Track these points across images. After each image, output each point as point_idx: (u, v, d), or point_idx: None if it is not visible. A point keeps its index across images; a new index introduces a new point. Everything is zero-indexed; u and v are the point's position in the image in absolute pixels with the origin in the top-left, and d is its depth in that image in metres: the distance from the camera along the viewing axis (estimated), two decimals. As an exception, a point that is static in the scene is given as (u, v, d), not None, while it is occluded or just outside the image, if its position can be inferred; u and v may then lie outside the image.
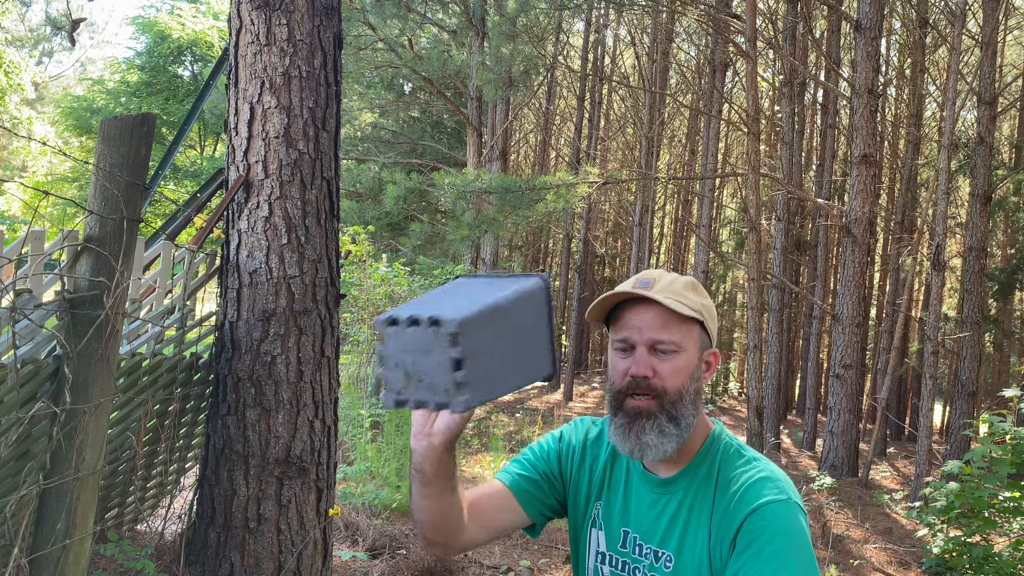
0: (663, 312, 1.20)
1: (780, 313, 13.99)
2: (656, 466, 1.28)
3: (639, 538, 1.27)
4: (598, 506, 1.34)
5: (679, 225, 24.15)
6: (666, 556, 1.24)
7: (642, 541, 1.27)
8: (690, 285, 1.25)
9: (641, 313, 1.21)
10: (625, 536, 1.29)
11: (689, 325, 1.22)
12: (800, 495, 1.24)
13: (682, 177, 18.13)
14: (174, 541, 3.32)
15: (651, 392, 1.19)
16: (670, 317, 1.20)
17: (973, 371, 10.18)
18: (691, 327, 1.22)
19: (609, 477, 1.35)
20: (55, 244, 2.21)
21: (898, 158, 16.99)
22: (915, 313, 17.61)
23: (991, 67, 10.08)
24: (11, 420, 2.11)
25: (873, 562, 6.32)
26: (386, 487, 6.07)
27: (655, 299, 1.19)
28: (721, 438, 1.29)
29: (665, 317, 1.20)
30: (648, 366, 1.19)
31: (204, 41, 24.02)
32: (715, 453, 1.27)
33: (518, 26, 12.06)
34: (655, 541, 1.25)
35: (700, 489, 1.24)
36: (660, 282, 1.22)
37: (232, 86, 3.27)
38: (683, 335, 1.21)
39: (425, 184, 12.23)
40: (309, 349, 3.21)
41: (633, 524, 1.29)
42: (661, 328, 1.20)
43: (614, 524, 1.31)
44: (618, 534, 1.30)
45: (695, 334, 1.23)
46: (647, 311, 1.21)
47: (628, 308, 1.23)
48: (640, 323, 1.20)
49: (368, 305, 8.71)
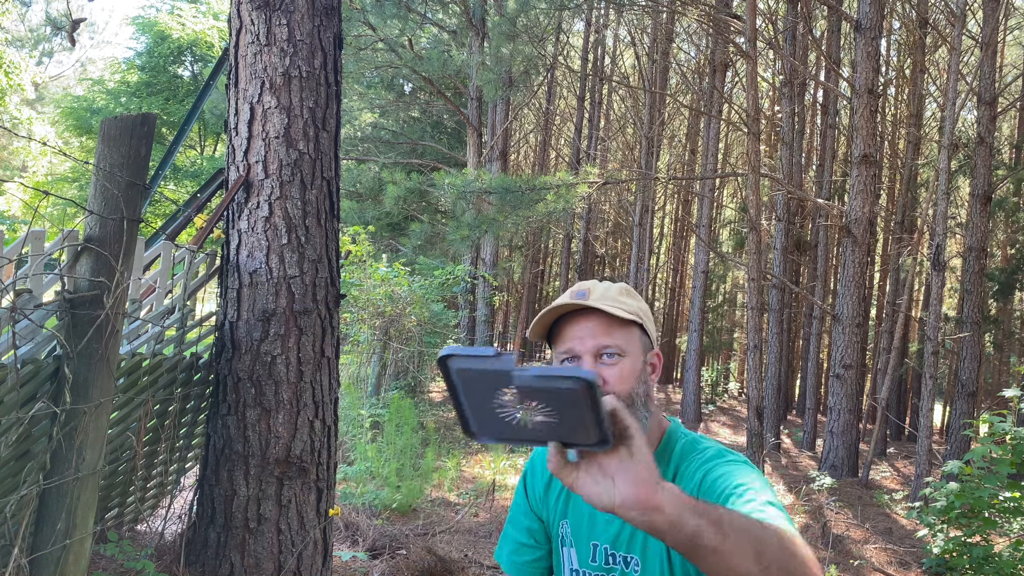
0: (603, 319, 1.22)
1: (780, 313, 13.98)
2: None
3: (609, 548, 1.28)
4: (564, 525, 1.36)
5: (679, 225, 24.16)
6: (634, 561, 1.25)
7: (613, 550, 1.28)
8: (624, 290, 1.27)
9: (582, 323, 1.22)
10: (595, 549, 1.30)
11: (629, 328, 1.23)
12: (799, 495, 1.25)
13: (682, 177, 18.12)
14: (174, 541, 3.32)
15: None
16: (611, 322, 1.22)
17: (973, 371, 10.18)
18: (631, 330, 1.24)
19: (570, 494, 1.36)
20: (55, 244, 2.21)
21: (898, 158, 16.99)
22: (915, 313, 17.61)
23: (991, 67, 10.08)
24: (11, 420, 2.11)
25: (873, 562, 6.32)
26: (386, 487, 6.07)
27: (594, 307, 1.20)
28: (676, 435, 1.31)
29: (606, 323, 1.22)
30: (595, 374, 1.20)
31: (204, 41, 24.03)
32: (671, 450, 1.28)
33: (518, 26, 12.06)
34: (623, 548, 1.27)
35: None
36: (595, 291, 1.24)
37: (232, 86, 3.27)
38: (625, 339, 1.22)
39: (425, 184, 12.23)
40: (309, 349, 3.21)
41: (601, 536, 1.29)
42: (604, 334, 1.21)
43: (583, 540, 1.32)
44: (588, 549, 1.31)
45: (636, 337, 1.24)
46: (587, 320, 1.22)
47: (568, 321, 1.24)
48: (582, 332, 1.22)
49: (368, 305, 8.71)
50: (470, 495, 6.75)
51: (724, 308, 25.62)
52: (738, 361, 28.79)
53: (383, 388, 9.30)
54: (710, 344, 22.72)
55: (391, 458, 6.68)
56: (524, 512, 1.44)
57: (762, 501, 1.05)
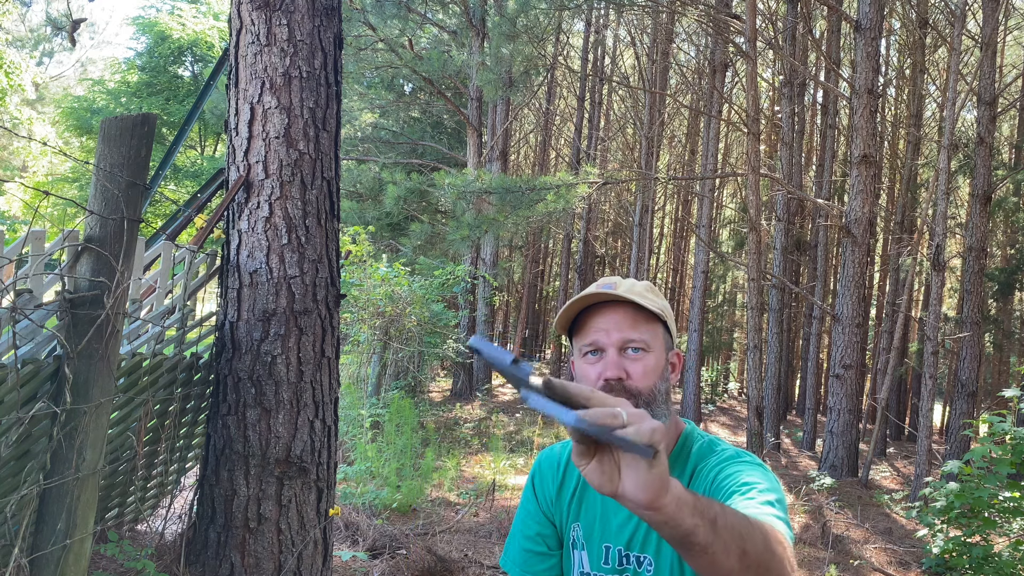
0: (630, 312, 1.20)
1: (780, 313, 13.99)
2: None
3: (623, 550, 1.27)
4: (576, 528, 1.33)
5: (679, 225, 24.15)
6: (647, 560, 1.24)
7: (627, 552, 1.26)
8: (649, 287, 1.25)
9: (608, 315, 1.20)
10: (607, 551, 1.28)
11: (654, 324, 1.22)
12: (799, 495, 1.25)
13: (682, 177, 18.12)
14: (174, 541, 3.32)
15: (626, 394, 1.18)
16: (637, 316, 1.20)
17: (973, 371, 10.18)
18: (656, 327, 1.23)
19: (582, 497, 1.34)
20: (55, 244, 2.21)
21: (898, 158, 17.00)
22: (915, 313, 17.61)
23: (991, 67, 10.08)
24: (11, 420, 2.11)
25: (873, 562, 6.32)
26: (386, 487, 6.08)
27: (622, 298, 1.19)
28: (694, 436, 1.29)
29: (633, 316, 1.20)
30: (620, 368, 1.18)
31: (204, 41, 24.03)
32: (688, 451, 1.27)
33: (518, 26, 12.06)
34: (636, 548, 1.25)
35: None
36: (622, 285, 1.22)
37: (232, 86, 3.28)
38: (651, 334, 1.21)
39: (425, 184, 12.23)
40: (309, 349, 3.21)
41: (614, 538, 1.28)
42: (630, 327, 1.19)
43: (595, 542, 1.30)
44: (600, 551, 1.29)
45: (660, 334, 1.23)
46: (614, 313, 1.20)
47: (593, 313, 1.22)
48: (608, 325, 1.20)
49: (368, 305, 8.71)
50: (470, 495, 6.75)
51: (724, 308, 25.62)
52: (738, 361, 28.79)
53: (383, 388, 9.30)
54: (710, 344, 22.72)
55: (391, 458, 6.69)
56: (535, 517, 1.39)
57: (762, 500, 1.04)
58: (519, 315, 23.23)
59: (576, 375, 1.26)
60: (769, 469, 1.19)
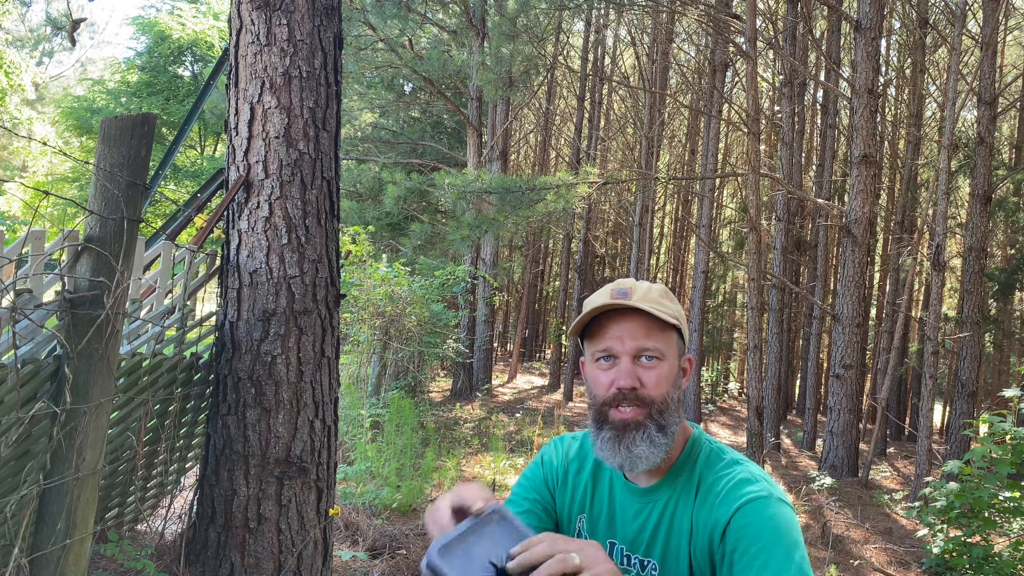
0: (643, 321, 1.19)
1: (780, 313, 13.98)
2: (637, 476, 1.27)
3: (625, 549, 1.27)
4: (582, 519, 1.33)
5: (679, 225, 24.14)
6: (651, 565, 1.24)
7: (629, 552, 1.26)
8: (664, 292, 1.24)
9: (622, 323, 1.20)
10: (612, 548, 1.28)
11: (668, 332, 1.22)
12: (799, 495, 1.25)
13: (682, 177, 18.12)
14: (174, 541, 3.32)
15: (638, 403, 1.18)
16: (651, 325, 1.19)
17: (973, 371, 10.18)
18: (671, 334, 1.22)
19: (593, 491, 1.34)
20: (55, 244, 2.21)
21: (898, 158, 16.99)
22: (915, 313, 17.61)
23: (991, 67, 10.08)
24: (11, 420, 2.11)
25: (873, 562, 6.32)
26: (386, 487, 6.07)
27: (638, 307, 1.18)
28: (700, 442, 1.28)
29: (648, 325, 1.19)
30: (634, 376, 1.18)
31: (204, 41, 24.04)
32: (695, 458, 1.26)
33: (518, 26, 12.06)
34: (640, 551, 1.25)
35: (682, 495, 1.23)
36: (637, 291, 1.21)
37: (232, 86, 3.27)
38: (665, 343, 1.21)
39: (425, 184, 12.23)
40: (309, 349, 3.21)
41: (619, 536, 1.28)
42: (644, 336, 1.19)
43: (600, 537, 1.30)
44: (604, 546, 1.29)
45: (674, 341, 1.23)
46: (628, 321, 1.20)
47: (607, 319, 1.22)
48: (622, 332, 1.19)
49: (368, 305, 8.71)
50: (470, 495, 6.73)
51: (724, 308, 25.61)
52: (738, 361, 28.79)
53: (383, 388, 9.30)
54: (710, 344, 22.72)
55: (391, 458, 6.68)
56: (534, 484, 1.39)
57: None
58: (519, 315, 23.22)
59: (587, 378, 1.26)
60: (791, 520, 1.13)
